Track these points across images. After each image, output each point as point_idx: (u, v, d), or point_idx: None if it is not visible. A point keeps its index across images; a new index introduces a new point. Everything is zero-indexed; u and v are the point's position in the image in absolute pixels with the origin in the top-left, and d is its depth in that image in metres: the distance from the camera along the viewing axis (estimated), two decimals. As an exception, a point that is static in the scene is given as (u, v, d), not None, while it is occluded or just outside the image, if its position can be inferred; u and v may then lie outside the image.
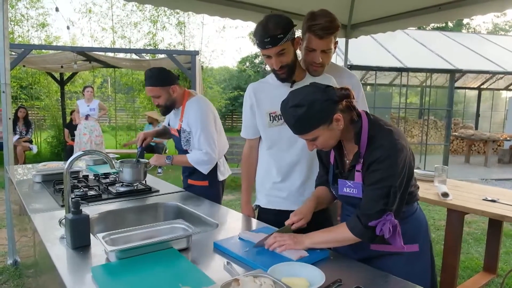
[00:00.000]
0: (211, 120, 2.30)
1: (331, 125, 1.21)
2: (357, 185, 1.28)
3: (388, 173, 1.19)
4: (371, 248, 1.34)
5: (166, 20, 10.79)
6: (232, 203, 5.15)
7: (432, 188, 2.89)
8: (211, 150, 2.24)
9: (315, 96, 1.19)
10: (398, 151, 1.20)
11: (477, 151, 10.78)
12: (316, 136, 1.23)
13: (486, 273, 3.10)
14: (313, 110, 1.18)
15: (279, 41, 1.51)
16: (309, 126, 1.20)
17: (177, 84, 2.25)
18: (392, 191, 1.19)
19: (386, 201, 1.19)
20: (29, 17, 10.07)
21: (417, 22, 3.60)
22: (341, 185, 1.34)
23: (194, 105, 2.27)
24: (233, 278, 0.97)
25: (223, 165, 2.49)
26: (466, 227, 4.33)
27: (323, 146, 1.27)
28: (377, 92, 9.83)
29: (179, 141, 2.37)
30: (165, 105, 2.26)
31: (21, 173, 2.70)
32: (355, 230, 1.22)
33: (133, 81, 10.12)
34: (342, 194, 1.35)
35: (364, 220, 1.20)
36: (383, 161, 1.19)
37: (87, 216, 1.36)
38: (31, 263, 2.03)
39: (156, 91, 2.18)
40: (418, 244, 1.35)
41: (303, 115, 1.18)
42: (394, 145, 1.20)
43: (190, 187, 2.38)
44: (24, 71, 9.07)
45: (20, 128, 7.81)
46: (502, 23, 27.27)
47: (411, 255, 1.33)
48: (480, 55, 9.58)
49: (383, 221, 1.17)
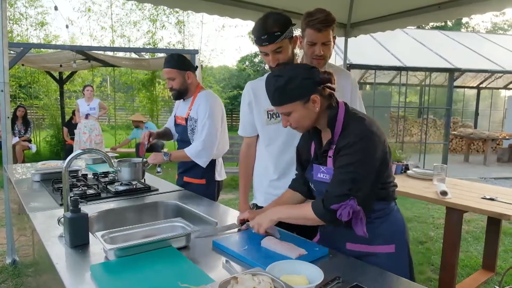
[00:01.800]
0: (219, 113, 2.35)
1: (307, 104, 1.24)
2: (329, 170, 1.30)
3: (356, 159, 1.20)
4: (347, 247, 1.34)
5: (165, 19, 10.79)
6: (232, 202, 5.15)
7: (431, 186, 2.90)
8: (210, 140, 2.26)
9: (297, 71, 1.24)
10: (368, 138, 1.22)
11: (476, 150, 10.80)
12: (290, 111, 1.26)
13: (485, 271, 3.11)
14: (292, 83, 1.22)
15: (276, 38, 1.53)
16: (285, 98, 1.24)
17: (193, 73, 2.34)
18: (358, 177, 1.19)
19: (351, 187, 1.18)
20: (28, 15, 10.06)
21: (417, 21, 3.60)
22: (316, 170, 1.36)
23: (207, 96, 2.34)
24: (232, 276, 0.97)
25: (221, 166, 2.50)
26: (465, 225, 4.34)
27: (297, 124, 1.29)
28: (377, 91, 9.82)
29: (184, 130, 2.39)
30: (178, 89, 2.32)
31: (20, 172, 2.70)
32: (317, 211, 1.23)
33: (133, 80, 10.11)
34: (316, 180, 1.36)
35: (326, 203, 1.20)
36: (352, 146, 1.21)
37: (86, 214, 1.36)
38: (30, 262, 2.03)
39: (172, 73, 2.27)
40: (395, 244, 1.33)
41: (281, 85, 1.23)
42: (365, 132, 1.22)
43: (186, 184, 2.37)
44: (23, 70, 9.05)
45: (19, 127, 7.79)
46: (501, 22, 27.28)
47: (387, 256, 1.32)
48: (479, 54, 9.59)
49: (344, 205, 1.16)
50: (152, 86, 10.02)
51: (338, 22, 4.66)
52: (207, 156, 2.29)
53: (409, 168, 3.45)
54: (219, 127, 2.34)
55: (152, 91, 10.04)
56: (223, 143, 2.45)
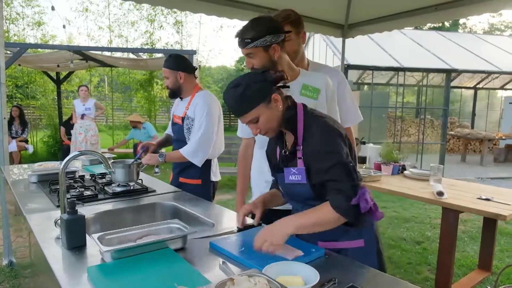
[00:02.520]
0: (216, 113, 2.38)
1: (270, 104, 1.26)
2: (300, 170, 1.30)
3: (335, 154, 1.23)
4: (319, 246, 1.35)
5: (163, 19, 10.80)
6: (229, 203, 5.15)
7: (428, 187, 2.91)
8: (205, 138, 2.29)
9: (251, 77, 1.27)
10: (333, 134, 1.27)
11: (473, 150, 10.84)
12: (257, 116, 1.26)
13: (481, 270, 3.12)
14: (251, 89, 1.23)
15: (245, 44, 1.58)
16: (249, 105, 1.25)
17: (187, 73, 2.37)
18: (351, 166, 1.23)
19: (352, 177, 1.22)
20: (24, 15, 10.04)
21: (414, 22, 3.62)
22: (287, 173, 1.34)
23: (205, 96, 2.38)
24: (229, 277, 0.98)
25: (216, 166, 2.52)
26: (461, 225, 4.36)
27: (266, 128, 1.29)
28: (374, 91, 9.86)
29: (181, 129, 2.40)
30: (171, 88, 2.39)
31: (16, 173, 2.69)
32: (340, 209, 1.19)
33: (130, 80, 10.10)
34: (288, 183, 1.35)
35: (346, 196, 1.19)
36: (323, 145, 1.25)
37: (83, 216, 1.36)
38: (27, 263, 2.03)
39: (166, 72, 2.37)
40: (364, 239, 1.36)
41: (241, 94, 1.23)
42: (329, 129, 1.27)
43: (181, 185, 2.38)
44: (19, 70, 9.02)
45: (16, 127, 7.76)
46: (498, 23, 27.43)
47: (357, 250, 1.35)
48: (476, 55, 9.63)
49: (361, 194, 1.19)
50: (150, 86, 10.01)
51: (335, 23, 4.67)
52: (203, 155, 2.31)
53: (406, 169, 3.46)
54: (215, 127, 2.36)
55: (150, 91, 10.03)
56: (219, 144, 2.46)
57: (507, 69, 9.11)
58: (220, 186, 6.33)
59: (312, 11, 3.70)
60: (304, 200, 1.36)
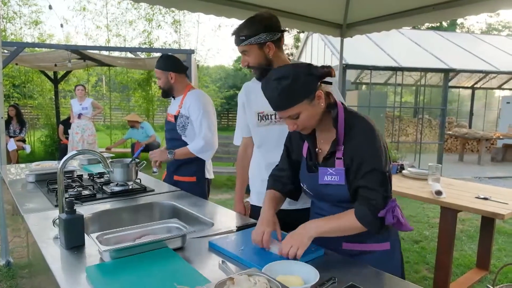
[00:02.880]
0: (211, 110, 2.44)
1: (313, 101, 1.20)
2: (339, 171, 1.25)
3: (377, 160, 1.20)
4: (343, 247, 1.33)
5: (161, 19, 10.76)
6: (228, 202, 5.15)
7: (426, 186, 2.92)
8: (210, 134, 2.35)
9: (299, 69, 1.18)
10: (377, 137, 1.23)
11: (470, 150, 10.87)
12: (299, 112, 1.20)
13: (479, 269, 3.14)
14: (298, 82, 1.16)
15: (240, 42, 1.59)
16: (293, 99, 1.17)
17: (178, 73, 2.42)
18: (386, 176, 1.21)
19: (386, 188, 1.20)
20: (21, 14, 9.99)
21: (412, 21, 3.62)
22: (322, 173, 1.28)
23: (198, 95, 2.43)
24: (228, 276, 0.97)
25: (210, 164, 2.57)
26: (460, 224, 4.37)
27: (305, 125, 1.24)
28: (372, 91, 9.86)
29: (173, 127, 2.44)
30: (163, 88, 2.46)
31: (14, 172, 2.68)
32: (364, 220, 1.19)
33: (128, 79, 10.06)
34: (322, 183, 1.29)
35: (373, 210, 1.18)
36: (368, 149, 1.21)
37: (81, 215, 1.35)
38: (25, 263, 2.02)
39: (158, 73, 2.43)
40: (389, 242, 1.34)
41: (287, 87, 1.15)
42: (373, 132, 1.23)
43: (176, 183, 2.40)
44: (16, 69, 8.98)
45: (14, 126, 7.73)
46: (496, 23, 27.48)
47: (382, 253, 1.32)
48: (474, 55, 9.66)
49: (390, 208, 1.17)
50: (147, 85, 9.99)
51: (334, 23, 4.68)
52: (211, 149, 2.39)
53: (405, 168, 3.47)
54: (215, 122, 2.44)
55: (148, 90, 10.01)
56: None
57: (505, 69, 9.14)
58: (219, 186, 6.33)
59: (310, 10, 3.70)
60: (336, 202, 1.31)
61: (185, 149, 2.37)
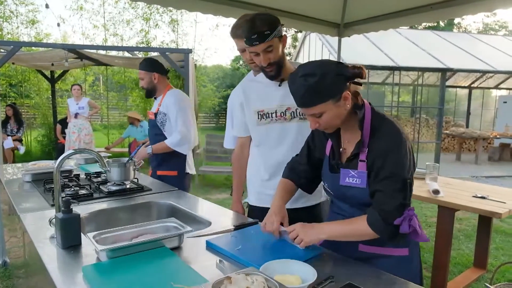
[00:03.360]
0: (188, 107, 2.64)
1: (339, 102, 1.16)
2: (361, 174, 1.22)
3: (399, 165, 1.17)
4: (359, 249, 1.30)
5: (158, 18, 10.72)
6: (225, 202, 5.14)
7: (424, 185, 2.92)
8: (185, 129, 2.55)
9: (328, 68, 1.14)
10: (403, 142, 1.18)
11: (467, 149, 10.91)
12: (323, 112, 1.17)
13: (476, 268, 3.15)
14: (325, 81, 1.12)
15: (266, 37, 1.52)
16: (318, 98, 1.14)
17: (160, 74, 2.64)
18: (407, 183, 1.17)
19: (404, 195, 1.16)
20: (18, 13, 9.93)
21: (409, 21, 3.62)
22: (344, 174, 1.26)
23: (175, 93, 2.66)
24: (225, 276, 0.97)
25: (191, 160, 2.78)
26: (457, 223, 4.38)
27: (327, 125, 1.21)
28: (370, 90, 9.88)
29: (154, 124, 2.66)
30: (147, 88, 2.67)
31: (10, 172, 2.66)
32: (375, 226, 1.16)
33: (126, 79, 10.03)
34: (343, 185, 1.27)
35: (384, 217, 1.15)
36: (391, 153, 1.17)
37: (78, 215, 1.34)
38: (21, 263, 2.01)
39: (141, 73, 2.64)
40: (408, 248, 1.30)
41: (314, 84, 1.12)
42: (399, 136, 1.19)
43: (159, 178, 2.57)
44: (13, 68, 8.94)
45: (11, 126, 7.72)
46: (492, 22, 27.60)
47: (400, 258, 1.29)
48: (471, 54, 9.70)
49: (407, 217, 1.14)
50: (145, 85, 9.95)
51: (331, 22, 4.67)
52: (187, 143, 2.56)
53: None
54: (191, 117, 2.62)
55: (145, 90, 9.97)
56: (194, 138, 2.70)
57: (502, 69, 9.18)
58: (217, 185, 6.33)
59: (308, 10, 3.69)
60: (359, 205, 1.28)
61: (163, 143, 2.55)
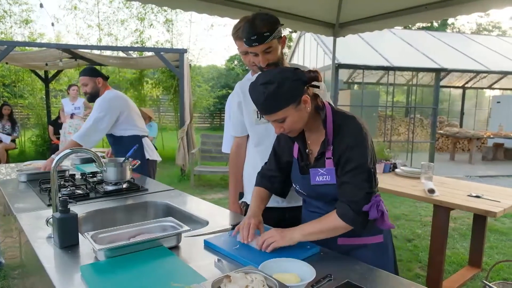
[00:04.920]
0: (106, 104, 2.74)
1: (299, 106, 1.22)
2: (330, 171, 1.29)
3: (363, 158, 1.23)
4: (338, 243, 1.34)
5: (153, 18, 10.71)
6: (222, 201, 5.14)
7: (419, 184, 2.94)
8: (91, 123, 2.69)
9: (285, 75, 1.20)
10: (365, 135, 1.26)
11: (461, 149, 11.00)
12: (285, 117, 1.22)
13: (471, 267, 3.17)
14: (284, 88, 1.18)
15: (265, 38, 1.52)
16: (279, 104, 1.19)
17: (103, 79, 2.84)
18: (371, 172, 1.24)
19: (370, 184, 1.22)
20: (12, 13, 9.85)
21: (404, 21, 3.64)
22: (314, 174, 1.32)
23: (106, 93, 2.83)
24: (224, 274, 0.97)
25: (151, 147, 3.00)
26: (452, 222, 4.42)
27: (291, 128, 1.26)
28: (365, 90, 9.93)
29: None
30: (90, 93, 2.83)
31: (4, 172, 2.64)
32: (346, 217, 1.21)
33: (120, 79, 9.98)
34: (315, 184, 1.32)
35: (354, 207, 1.20)
36: (355, 147, 1.23)
37: (76, 214, 1.34)
38: (17, 264, 1.99)
39: (85, 79, 2.80)
40: (383, 234, 1.37)
41: (273, 92, 1.17)
42: (360, 130, 1.26)
43: None
44: (7, 68, 8.86)
45: (5, 124, 7.65)
46: (486, 23, 27.86)
47: (376, 246, 1.35)
48: (465, 55, 9.78)
49: (375, 203, 1.19)
50: (140, 85, 9.92)
51: (326, 22, 4.68)
52: (93, 135, 2.70)
53: (397, 167, 3.50)
54: (108, 118, 2.74)
55: (140, 90, 9.94)
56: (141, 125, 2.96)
57: (495, 69, 9.27)
58: (213, 185, 6.32)
59: (303, 10, 3.70)
60: (332, 201, 1.32)
61: (70, 140, 2.70)
